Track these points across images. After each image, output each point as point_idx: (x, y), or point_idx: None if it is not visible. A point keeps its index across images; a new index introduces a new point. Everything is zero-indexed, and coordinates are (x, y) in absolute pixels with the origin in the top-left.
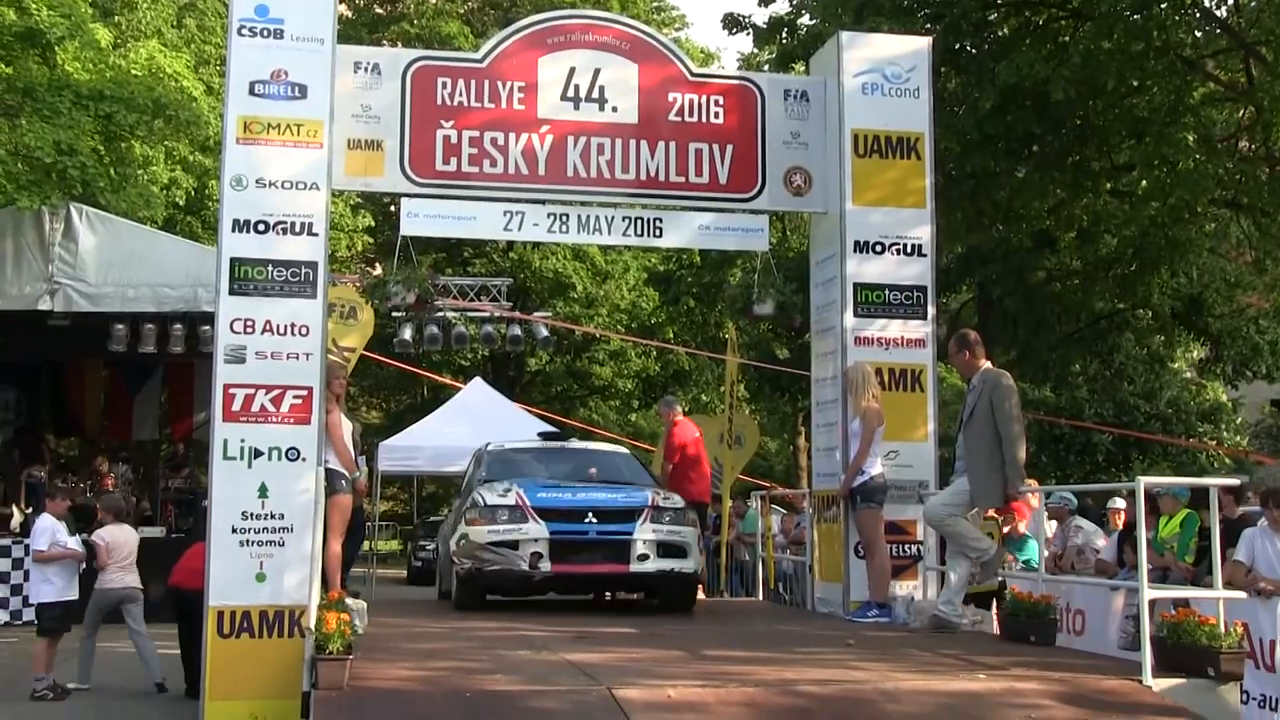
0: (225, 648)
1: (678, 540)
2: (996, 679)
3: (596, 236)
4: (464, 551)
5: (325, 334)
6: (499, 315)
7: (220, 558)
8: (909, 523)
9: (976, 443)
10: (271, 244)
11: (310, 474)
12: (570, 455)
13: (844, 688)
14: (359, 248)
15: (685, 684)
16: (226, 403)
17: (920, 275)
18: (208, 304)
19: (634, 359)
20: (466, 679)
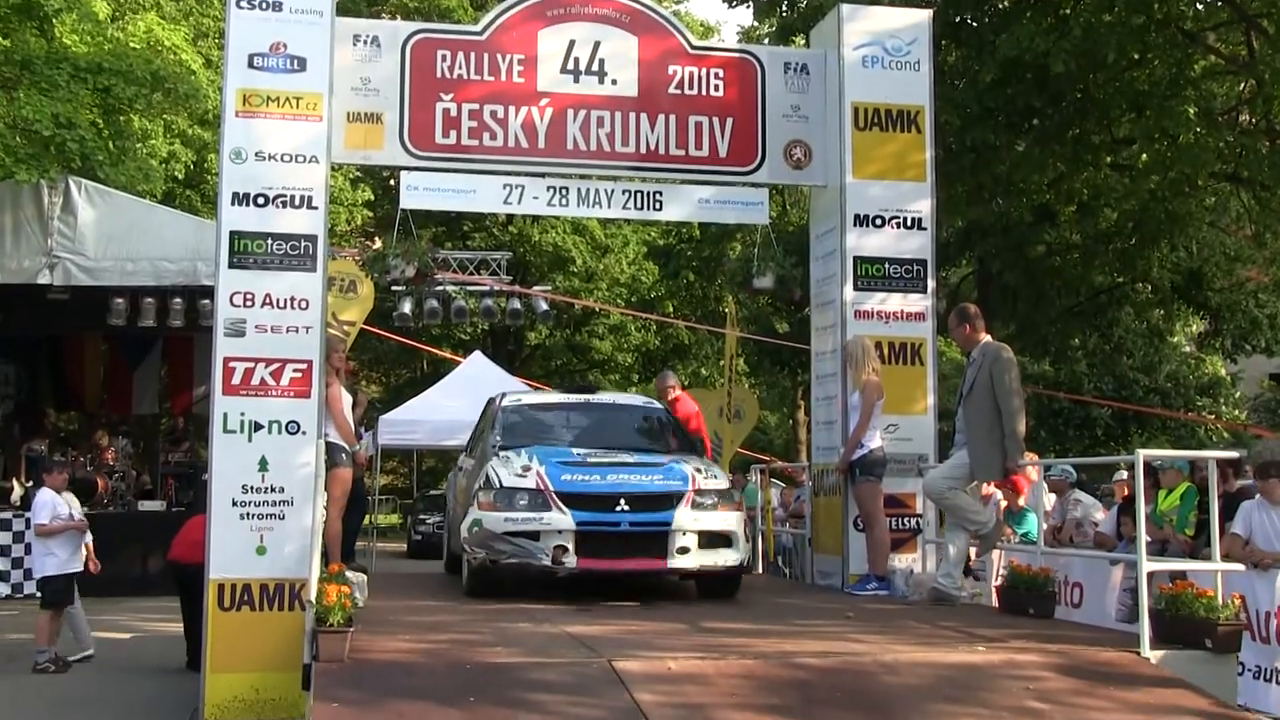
0: (226, 621)
1: (723, 529)
2: (995, 651)
3: (596, 210)
4: (477, 540)
5: (325, 307)
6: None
7: (221, 531)
8: (908, 496)
9: (976, 416)
10: (271, 217)
11: (310, 447)
12: (598, 413)
13: (843, 660)
14: (358, 222)
15: (685, 656)
16: (226, 376)
17: (920, 249)
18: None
19: (634, 333)
20: (467, 651)
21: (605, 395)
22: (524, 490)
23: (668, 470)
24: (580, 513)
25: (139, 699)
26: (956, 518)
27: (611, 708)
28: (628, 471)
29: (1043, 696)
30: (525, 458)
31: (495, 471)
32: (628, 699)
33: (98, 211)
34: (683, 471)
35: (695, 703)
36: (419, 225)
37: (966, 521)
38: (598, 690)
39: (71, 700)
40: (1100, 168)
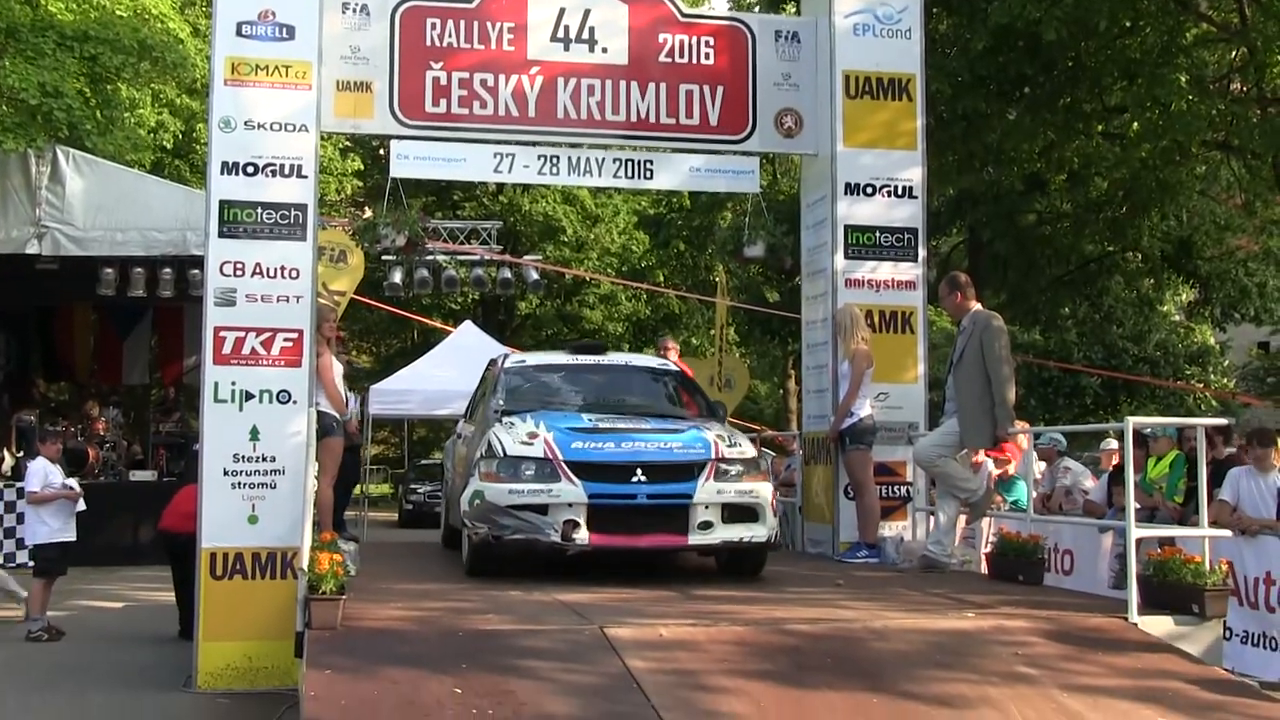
0: (218, 589)
1: (749, 501)
2: (985, 617)
3: (587, 178)
4: (478, 514)
5: (315, 277)
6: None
7: (212, 500)
8: (898, 464)
9: (966, 384)
10: (260, 186)
11: (302, 416)
12: (609, 375)
13: (833, 626)
14: (348, 191)
15: (677, 623)
16: (217, 346)
17: (911, 217)
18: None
19: (624, 302)
20: (459, 619)
21: (617, 356)
22: (530, 459)
23: (688, 437)
24: (593, 484)
25: (132, 667)
26: (946, 485)
27: (603, 674)
28: (644, 439)
29: (1031, 661)
30: (531, 424)
31: (498, 439)
32: (619, 665)
33: (86, 181)
34: (704, 439)
35: (687, 669)
36: (409, 195)
37: (956, 489)
38: (590, 657)
39: (64, 669)
40: (1091, 136)
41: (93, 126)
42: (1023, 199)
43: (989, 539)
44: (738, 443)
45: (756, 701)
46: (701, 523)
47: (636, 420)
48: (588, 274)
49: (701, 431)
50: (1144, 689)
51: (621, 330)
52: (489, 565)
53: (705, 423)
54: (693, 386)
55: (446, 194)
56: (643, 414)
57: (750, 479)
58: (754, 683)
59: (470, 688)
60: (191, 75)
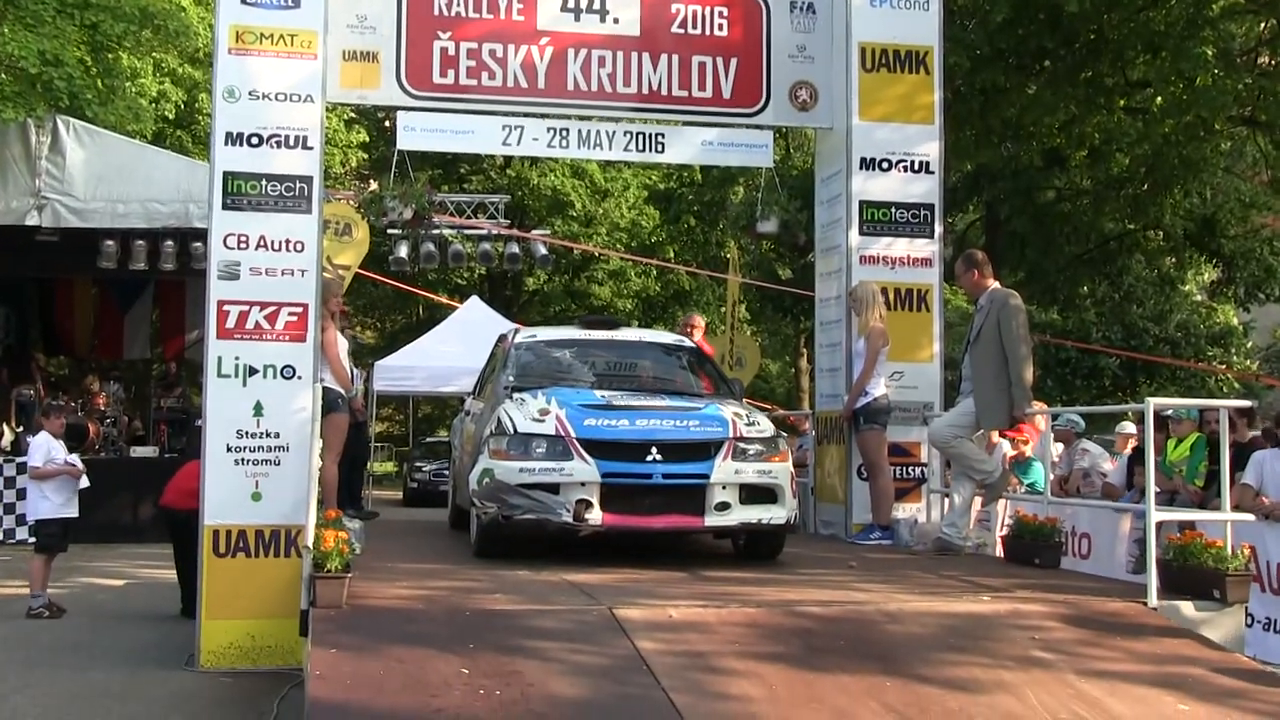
0: (221, 567)
1: (768, 482)
2: (1000, 601)
3: (597, 151)
4: (487, 492)
5: (320, 250)
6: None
7: (215, 477)
8: (913, 445)
9: (983, 363)
10: (265, 158)
11: (306, 392)
12: (623, 351)
13: (846, 609)
14: (353, 164)
15: (687, 604)
16: (220, 320)
17: (927, 193)
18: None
19: (634, 279)
20: (465, 598)
21: (631, 331)
22: (542, 437)
23: (705, 415)
24: (606, 462)
25: (134, 645)
26: (962, 466)
27: (612, 655)
28: (660, 416)
29: (1048, 646)
30: (543, 400)
31: (509, 415)
32: (629, 646)
33: (87, 152)
34: (722, 417)
35: (697, 650)
36: (415, 167)
37: (972, 470)
38: (598, 638)
39: (65, 646)
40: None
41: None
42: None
43: (1005, 522)
44: (756, 421)
45: (768, 684)
46: (719, 504)
47: (651, 397)
48: (597, 249)
49: (719, 409)
50: (1163, 675)
51: (631, 307)
52: (498, 546)
53: (722, 400)
54: (709, 363)
55: (453, 167)
56: (658, 391)
57: (769, 459)
58: (765, 665)
59: (477, 668)
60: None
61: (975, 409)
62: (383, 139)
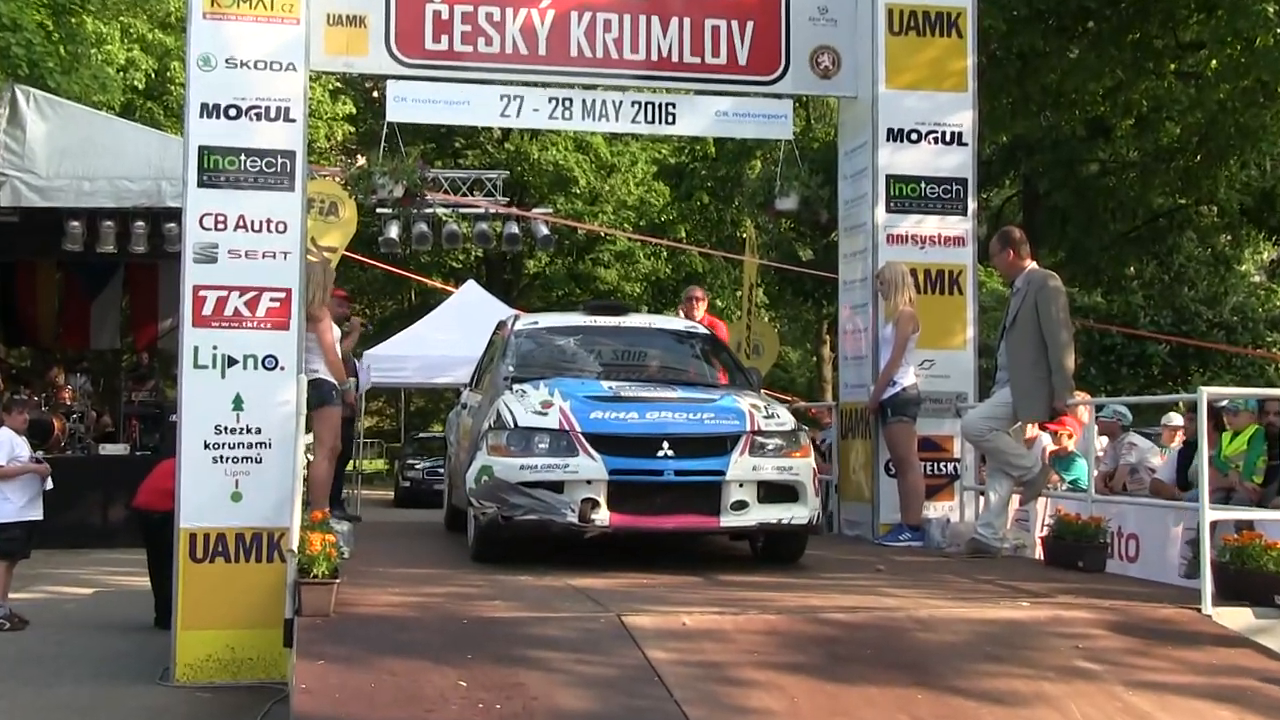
0: (199, 573)
1: (788, 479)
2: (1041, 607)
3: (602, 123)
4: (486, 492)
5: (304, 231)
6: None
7: (192, 476)
8: (945, 438)
9: (1020, 350)
10: (244, 131)
11: (290, 383)
12: (631, 339)
13: (873, 615)
14: (339, 138)
15: (701, 611)
16: (196, 306)
17: (960, 166)
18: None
19: (642, 260)
20: (462, 605)
21: (639, 317)
22: (544, 431)
23: (720, 407)
24: (614, 458)
25: (104, 658)
26: (998, 462)
27: (621, 665)
28: (671, 409)
29: (1093, 656)
30: (545, 391)
31: (509, 408)
32: (639, 656)
33: (49, 125)
34: (738, 409)
35: (713, 660)
36: (407, 141)
37: (1009, 466)
38: (606, 647)
39: (32, 658)
40: (1163, 76)
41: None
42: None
43: (1045, 521)
44: (775, 413)
45: (789, 696)
46: (735, 502)
47: (662, 388)
48: (602, 229)
49: (735, 401)
50: (1219, 687)
51: (639, 291)
52: (497, 549)
53: (739, 391)
54: (725, 350)
55: (447, 141)
56: (669, 381)
57: (790, 454)
58: (786, 676)
59: (476, 680)
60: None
61: (1012, 400)
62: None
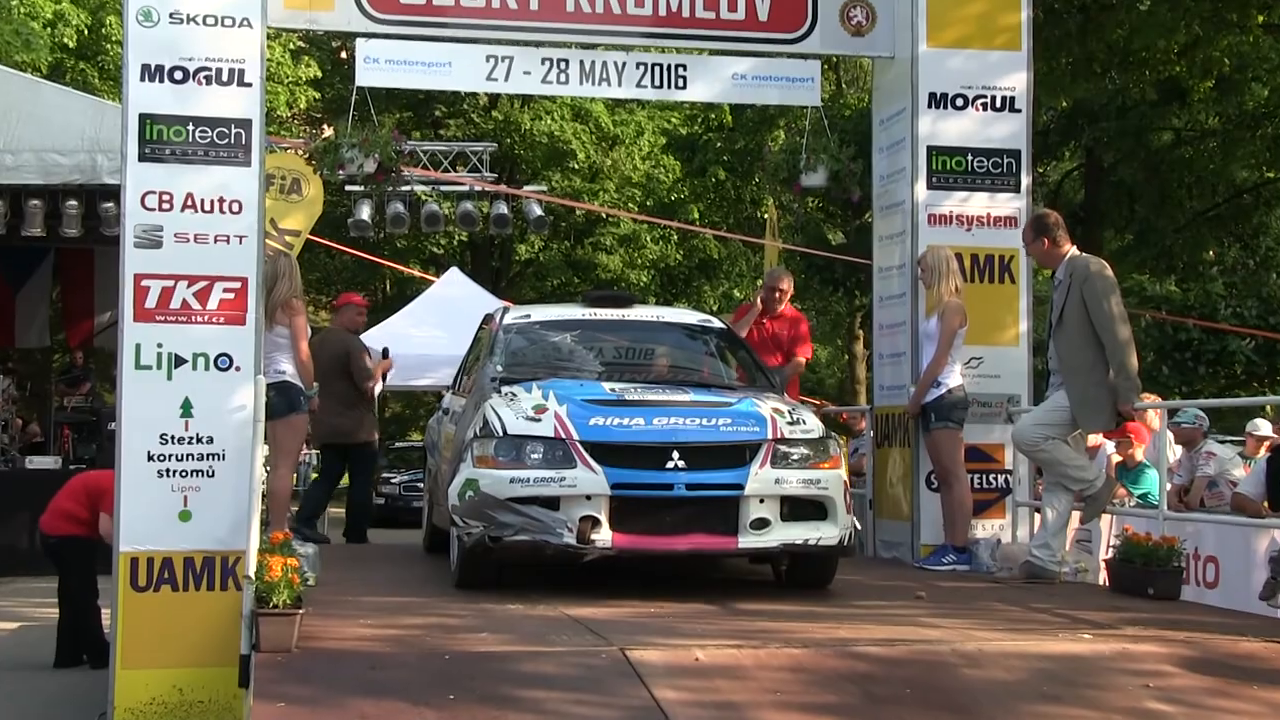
0: (141, 604)
1: (816, 494)
2: (1105, 640)
3: (604, 88)
4: (471, 509)
5: (263, 212)
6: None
7: (133, 493)
8: (994, 447)
9: (1071, 351)
10: (192, 97)
11: (247, 386)
12: (637, 334)
13: (913, 649)
14: (302, 105)
15: (716, 644)
16: (138, 298)
17: (1012, 136)
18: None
19: (650, 245)
20: (445, 638)
21: (646, 309)
22: (538, 439)
23: (738, 412)
24: (617, 471)
25: (32, 702)
26: (1055, 474)
27: (625, 707)
28: (682, 414)
29: (1166, 696)
30: (539, 394)
31: (497, 414)
32: (645, 696)
33: None
34: (759, 414)
35: (728, 700)
36: (380, 109)
37: (1068, 479)
38: (608, 685)
39: None
40: (1248, 30)
41: None
42: (1156, 112)
43: (1110, 542)
44: (801, 419)
45: None
46: (755, 520)
47: (672, 390)
48: (604, 209)
49: (755, 405)
50: None
51: (646, 280)
52: (484, 574)
53: (760, 394)
54: (744, 349)
55: (426, 109)
56: (680, 382)
57: (818, 465)
58: (813, 718)
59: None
60: None
61: (1069, 406)
62: (338, 74)
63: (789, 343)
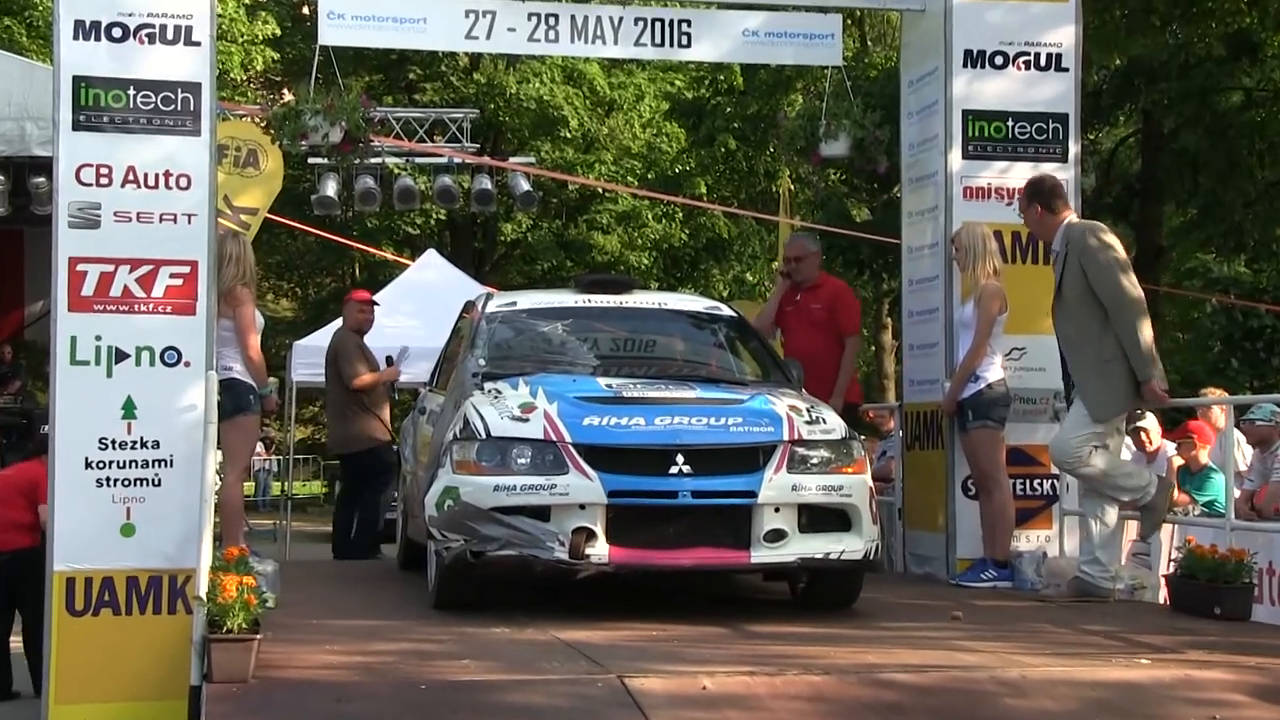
0: (78, 630)
1: (838, 502)
2: (1166, 665)
3: (598, 47)
4: (451, 521)
5: (214, 187)
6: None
7: (69, 503)
8: (1039, 449)
9: (1075, 331)
10: (133, 57)
11: (198, 384)
12: (636, 323)
13: (949, 676)
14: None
15: (726, 670)
16: (74, 285)
17: (1059, 98)
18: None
19: (651, 223)
20: (422, 666)
21: (647, 295)
22: (525, 442)
23: (750, 410)
24: (614, 476)
25: None
26: (1107, 488)
27: None
28: (688, 412)
29: None
30: (526, 392)
31: (480, 413)
32: None
33: None
34: (774, 412)
35: None
36: (346, 72)
37: (1120, 491)
38: (605, 717)
39: None
40: None
41: None
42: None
43: (1171, 555)
44: (821, 418)
45: None
46: (770, 532)
47: (676, 386)
48: (600, 183)
49: (769, 401)
50: None
51: (648, 262)
52: (465, 593)
53: (775, 390)
54: (758, 339)
55: (399, 71)
56: (685, 377)
57: (840, 469)
58: None
59: None
60: None
61: (1081, 399)
62: (300, 32)
63: (830, 319)
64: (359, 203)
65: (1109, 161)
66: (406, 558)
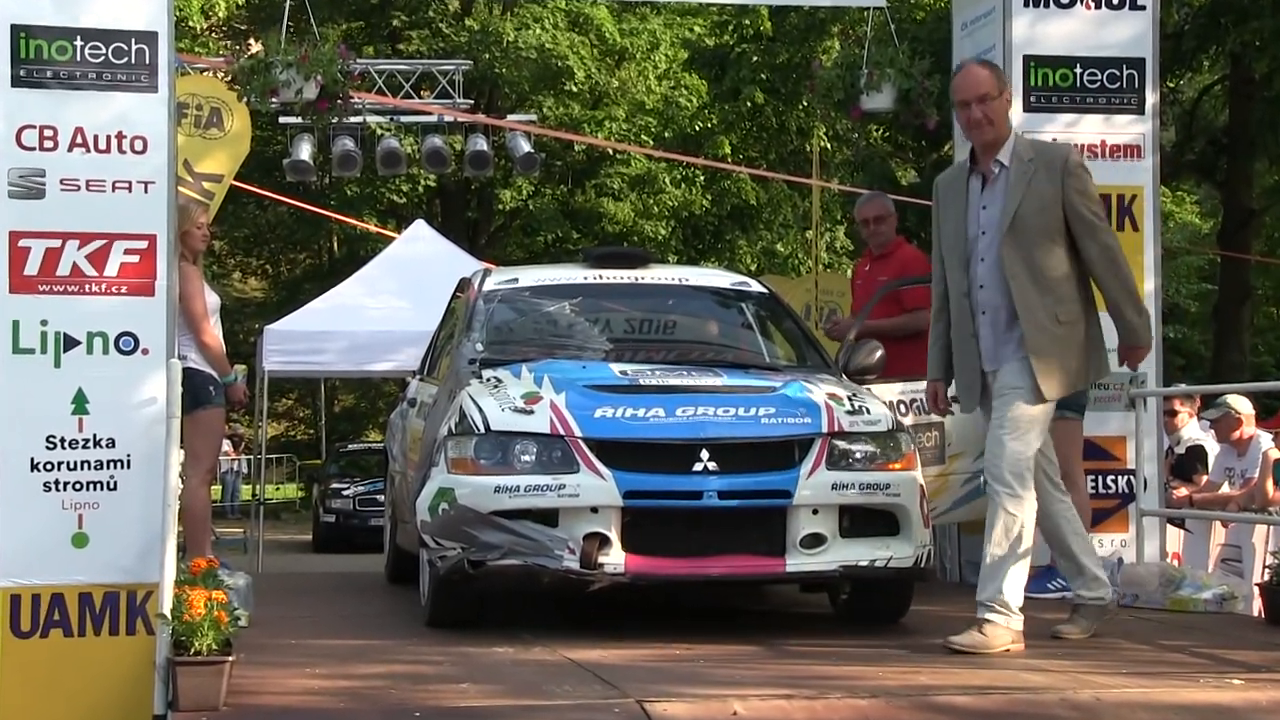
0: (24, 653)
1: (884, 502)
2: (1260, 687)
3: None
4: (446, 526)
5: (174, 151)
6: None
7: (14, 511)
8: (1114, 440)
9: (1023, 273)
10: (79, 3)
11: (158, 374)
12: (654, 302)
13: (1012, 699)
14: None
15: (759, 693)
16: (15, 263)
17: (1134, 41)
18: None
19: (668, 189)
20: (414, 690)
21: (665, 270)
22: (529, 436)
23: (784, 399)
24: (631, 475)
25: None
26: None
27: None
28: (714, 402)
29: None
30: (530, 380)
31: (478, 405)
32: None
33: None
34: (810, 400)
35: None
36: (322, 19)
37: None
38: None
39: None
40: None
41: None
42: None
43: (1266, 561)
44: (865, 407)
45: None
46: (807, 536)
47: (700, 373)
48: (610, 143)
49: (806, 389)
50: None
51: (665, 233)
52: (463, 608)
53: (811, 375)
54: (791, 318)
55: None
56: (710, 363)
57: (886, 466)
58: None
59: None
60: None
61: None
62: None
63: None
64: (337, 167)
65: (1191, 113)
66: (396, 569)
